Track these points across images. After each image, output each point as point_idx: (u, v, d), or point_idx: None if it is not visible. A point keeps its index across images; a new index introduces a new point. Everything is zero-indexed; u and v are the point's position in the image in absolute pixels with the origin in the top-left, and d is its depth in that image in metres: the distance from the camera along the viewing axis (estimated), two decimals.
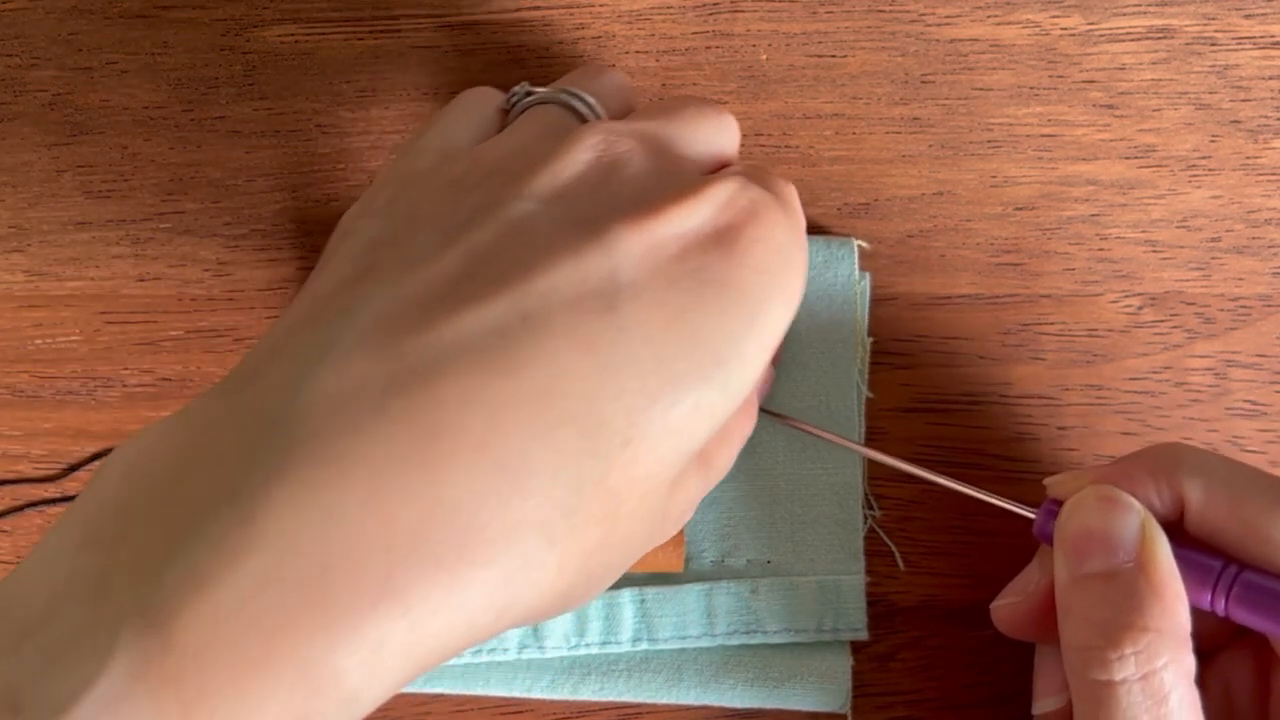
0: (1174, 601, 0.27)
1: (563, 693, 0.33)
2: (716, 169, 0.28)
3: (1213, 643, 0.30)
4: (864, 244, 0.35)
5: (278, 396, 0.20)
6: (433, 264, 0.23)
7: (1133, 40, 0.36)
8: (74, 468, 0.35)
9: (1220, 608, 0.28)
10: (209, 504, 0.19)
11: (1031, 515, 0.30)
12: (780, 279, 0.25)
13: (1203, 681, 0.28)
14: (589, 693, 0.33)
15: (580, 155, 0.25)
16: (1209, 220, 0.35)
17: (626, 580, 0.33)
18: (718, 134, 0.29)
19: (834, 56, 0.36)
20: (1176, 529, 0.29)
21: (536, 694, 0.33)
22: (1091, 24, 0.36)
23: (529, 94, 0.30)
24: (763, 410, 0.33)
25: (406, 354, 0.21)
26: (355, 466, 0.19)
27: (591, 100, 0.29)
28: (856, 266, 0.34)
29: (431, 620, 0.20)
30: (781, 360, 0.34)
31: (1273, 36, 0.36)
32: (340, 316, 0.22)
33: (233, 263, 0.36)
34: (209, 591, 0.18)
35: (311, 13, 0.37)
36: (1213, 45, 0.36)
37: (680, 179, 0.26)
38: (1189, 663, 0.27)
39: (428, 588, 0.19)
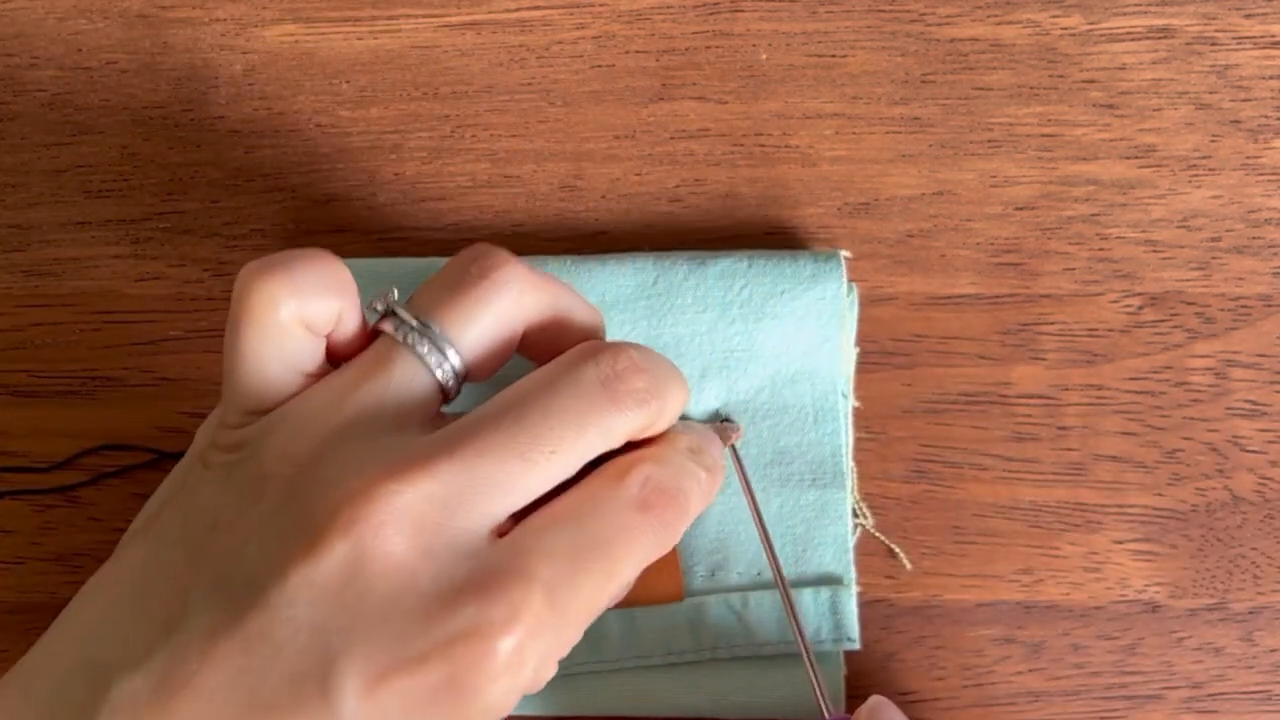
0: None
1: (555, 707, 0.33)
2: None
3: None
4: (848, 254, 0.34)
5: None
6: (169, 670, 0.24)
7: (1133, 40, 0.36)
8: (66, 461, 0.35)
9: None
10: None
11: (827, 716, 0.30)
12: (508, 700, 0.24)
13: None
14: (581, 705, 0.33)
15: (337, 549, 0.24)
16: (1209, 220, 0.35)
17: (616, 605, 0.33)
18: (603, 438, 0.26)
19: (834, 56, 0.36)
20: None
21: (528, 710, 0.33)
22: (1092, 24, 0.36)
23: (390, 313, 0.27)
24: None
25: None
26: None
27: (446, 346, 0.27)
28: (845, 279, 0.34)
29: None
30: (769, 376, 0.33)
31: (1273, 36, 0.36)
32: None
33: (233, 263, 0.36)
34: None
35: (311, 13, 0.37)
36: (1213, 45, 0.36)
37: (436, 585, 0.24)
38: None
39: None
